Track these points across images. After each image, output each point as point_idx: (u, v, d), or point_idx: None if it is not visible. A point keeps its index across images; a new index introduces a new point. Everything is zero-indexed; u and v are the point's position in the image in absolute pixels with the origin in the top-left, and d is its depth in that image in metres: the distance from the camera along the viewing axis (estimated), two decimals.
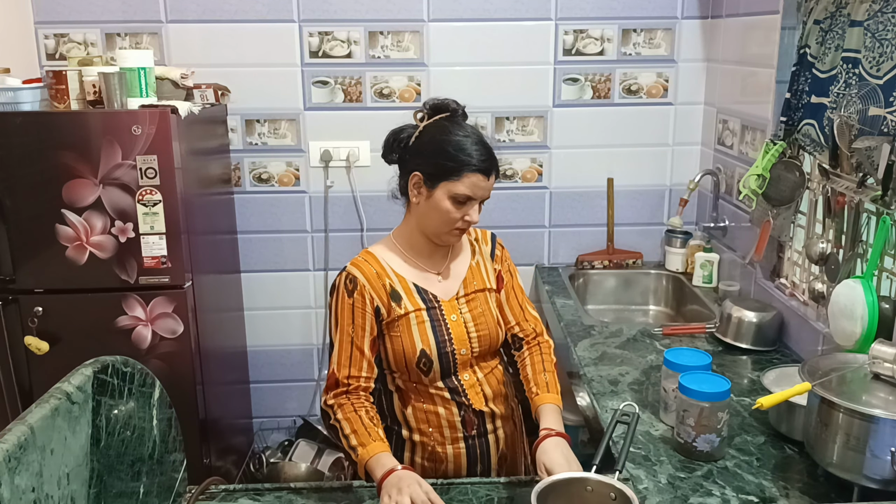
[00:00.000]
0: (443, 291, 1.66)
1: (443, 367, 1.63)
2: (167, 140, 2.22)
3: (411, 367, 1.61)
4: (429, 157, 1.57)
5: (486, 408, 1.69)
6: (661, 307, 2.99)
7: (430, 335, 1.61)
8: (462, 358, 1.64)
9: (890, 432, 1.36)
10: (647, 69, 2.92)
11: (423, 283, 1.65)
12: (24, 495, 1.03)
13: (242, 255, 2.99)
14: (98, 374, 1.25)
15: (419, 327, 1.61)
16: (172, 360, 2.38)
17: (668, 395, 1.80)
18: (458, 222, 1.57)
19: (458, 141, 1.56)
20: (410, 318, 1.61)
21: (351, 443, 1.51)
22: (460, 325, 1.64)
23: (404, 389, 1.67)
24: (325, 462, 2.93)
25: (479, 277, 1.71)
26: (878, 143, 1.76)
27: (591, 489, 1.36)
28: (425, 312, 1.62)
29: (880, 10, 1.82)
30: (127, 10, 2.75)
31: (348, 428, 1.53)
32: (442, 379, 1.64)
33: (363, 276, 1.60)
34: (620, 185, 3.02)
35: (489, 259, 1.76)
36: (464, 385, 1.66)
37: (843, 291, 1.78)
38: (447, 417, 1.65)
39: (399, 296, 1.61)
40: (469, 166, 1.54)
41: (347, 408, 1.55)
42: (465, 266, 1.71)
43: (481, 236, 1.78)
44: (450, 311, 1.64)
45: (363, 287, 1.59)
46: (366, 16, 2.80)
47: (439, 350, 1.61)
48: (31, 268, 2.29)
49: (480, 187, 1.56)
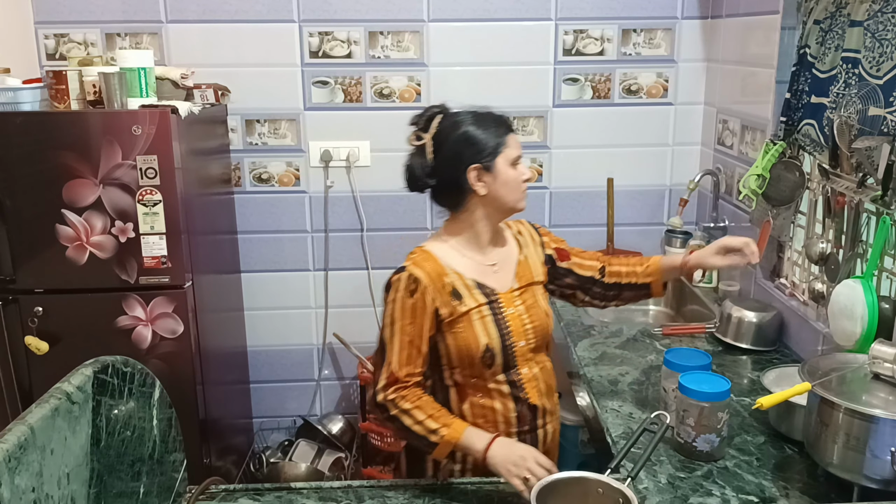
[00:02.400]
0: (499, 284, 1.68)
1: (505, 360, 1.64)
2: (167, 140, 2.22)
3: (475, 362, 1.62)
4: (469, 149, 1.61)
5: (540, 403, 1.71)
6: (661, 307, 2.99)
7: (493, 329, 1.63)
8: (521, 350, 1.66)
9: (890, 432, 1.36)
10: (647, 69, 2.92)
11: (481, 278, 1.66)
12: (24, 495, 1.03)
13: (242, 255, 2.99)
14: (98, 374, 1.25)
15: (482, 322, 1.62)
16: (172, 360, 2.38)
17: (668, 395, 1.80)
18: (523, 182, 1.64)
19: (475, 119, 1.63)
20: (472, 315, 1.62)
21: (430, 426, 1.53)
22: (517, 317, 1.66)
23: (462, 384, 1.66)
24: (325, 462, 2.93)
25: (527, 272, 1.73)
26: (878, 143, 1.76)
27: (602, 491, 1.36)
28: (486, 307, 1.63)
29: (880, 10, 1.82)
30: (127, 10, 2.75)
31: (422, 414, 1.55)
32: (504, 372, 1.66)
33: (426, 276, 1.60)
34: (620, 185, 3.02)
35: (538, 248, 1.78)
36: (522, 379, 1.67)
37: (843, 291, 1.78)
38: (503, 413, 1.66)
39: (460, 294, 1.62)
40: (505, 129, 1.63)
41: (412, 397, 1.57)
42: (515, 259, 1.74)
43: (523, 229, 1.81)
44: (507, 304, 1.66)
45: (425, 288, 1.59)
46: (366, 16, 2.80)
47: (502, 344, 1.63)
48: (31, 268, 2.29)
49: (517, 142, 1.65)
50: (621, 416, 1.85)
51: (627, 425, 1.81)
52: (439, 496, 1.53)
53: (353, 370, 3.13)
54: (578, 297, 1.85)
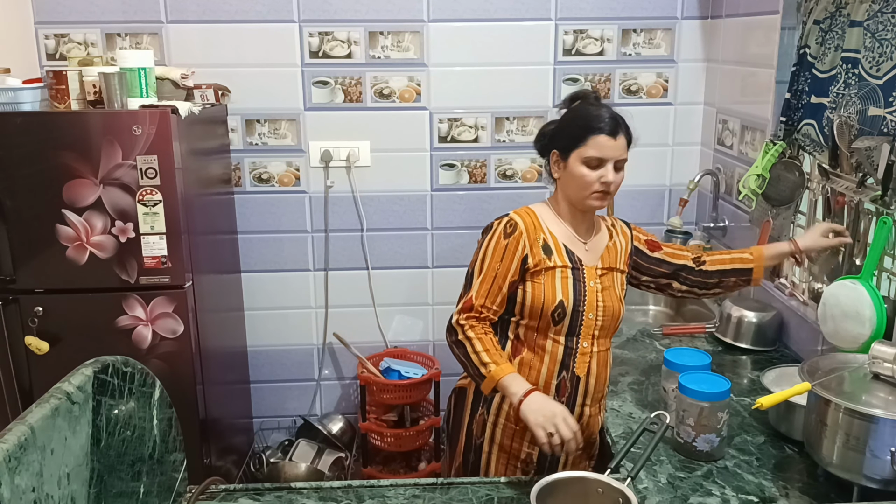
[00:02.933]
0: (587, 258, 1.77)
1: (571, 324, 1.73)
2: (167, 140, 2.22)
3: (546, 314, 1.71)
4: (560, 134, 1.76)
5: (584, 378, 1.76)
6: (661, 307, 2.99)
7: (571, 290, 1.72)
8: (588, 322, 1.74)
9: (890, 432, 1.36)
10: (646, 69, 2.92)
11: (572, 246, 1.77)
12: (25, 495, 1.03)
13: (242, 255, 2.99)
14: (98, 374, 1.25)
15: (563, 281, 1.72)
16: (172, 360, 2.38)
17: (668, 395, 1.81)
18: (595, 185, 1.69)
19: (581, 113, 1.73)
20: (556, 272, 1.72)
21: (483, 359, 1.65)
22: (595, 291, 1.75)
23: (522, 339, 1.76)
24: (325, 462, 2.93)
25: (613, 257, 1.82)
26: (877, 143, 1.76)
27: (602, 491, 1.36)
28: (570, 271, 1.73)
29: (880, 10, 1.82)
30: (127, 10, 2.76)
31: (480, 346, 1.67)
32: (566, 335, 1.74)
33: (524, 224, 1.73)
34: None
35: (627, 241, 1.87)
36: (578, 349, 1.75)
37: (843, 293, 1.78)
38: (546, 378, 1.75)
39: (551, 250, 1.73)
40: (592, 130, 1.68)
41: (479, 329, 1.69)
42: (604, 244, 1.83)
43: (618, 224, 1.90)
44: (590, 277, 1.75)
45: (521, 234, 1.72)
46: (366, 16, 2.80)
47: (575, 306, 1.72)
48: (31, 268, 2.29)
49: (607, 147, 1.68)
50: (621, 416, 1.85)
51: (627, 425, 1.81)
52: (439, 496, 1.54)
53: (353, 370, 3.13)
54: (674, 287, 1.92)
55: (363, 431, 2.92)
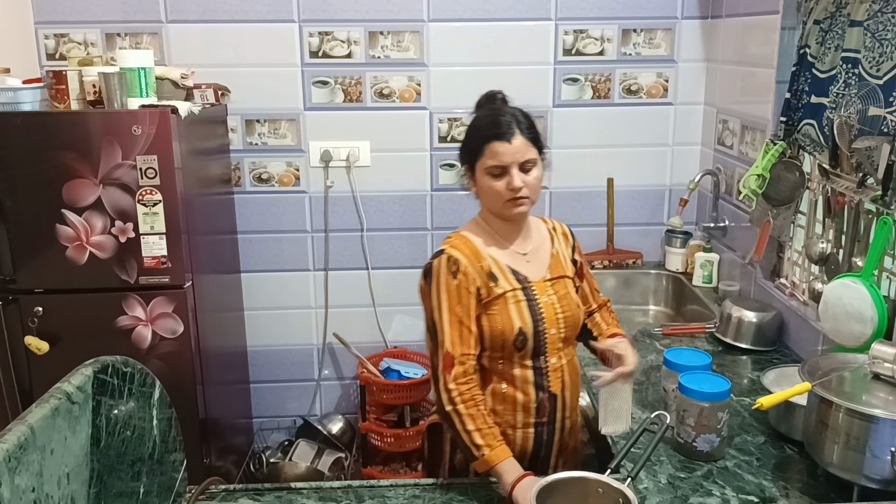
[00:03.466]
0: (532, 273, 1.70)
1: (536, 345, 1.66)
2: (167, 140, 2.22)
3: (507, 345, 1.64)
4: (461, 149, 1.69)
5: (561, 394, 1.71)
6: (661, 307, 2.99)
7: (527, 313, 1.64)
8: (552, 338, 1.68)
9: (890, 432, 1.36)
10: (647, 69, 2.92)
11: (515, 265, 1.68)
12: (24, 495, 1.03)
13: (242, 255, 2.99)
14: (98, 374, 1.25)
15: (517, 306, 1.64)
16: (172, 360, 2.38)
17: (668, 395, 1.80)
18: (504, 193, 1.61)
19: (478, 122, 1.65)
20: (508, 298, 1.64)
21: (476, 440, 1.54)
22: (551, 305, 1.68)
23: (488, 369, 1.68)
24: (325, 462, 2.93)
25: (559, 265, 1.76)
26: (878, 143, 1.76)
27: (602, 491, 1.36)
28: (521, 292, 1.65)
29: (880, 10, 1.82)
30: (127, 10, 2.75)
31: (473, 425, 1.55)
32: (532, 358, 1.67)
33: (464, 257, 1.63)
34: (620, 185, 3.02)
35: (567, 249, 1.80)
36: (549, 368, 1.69)
37: (844, 292, 1.78)
38: (523, 402, 1.67)
39: (496, 276, 1.65)
40: (485, 138, 1.60)
41: (469, 402, 1.57)
42: (548, 252, 1.76)
43: (558, 227, 1.83)
44: (541, 293, 1.68)
45: (466, 268, 1.62)
46: (366, 16, 2.80)
47: (535, 328, 1.64)
48: (31, 268, 2.29)
49: (503, 153, 1.58)
50: None
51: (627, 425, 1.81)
52: (439, 496, 1.53)
53: (353, 370, 3.13)
54: None
55: (363, 431, 2.92)
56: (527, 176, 1.61)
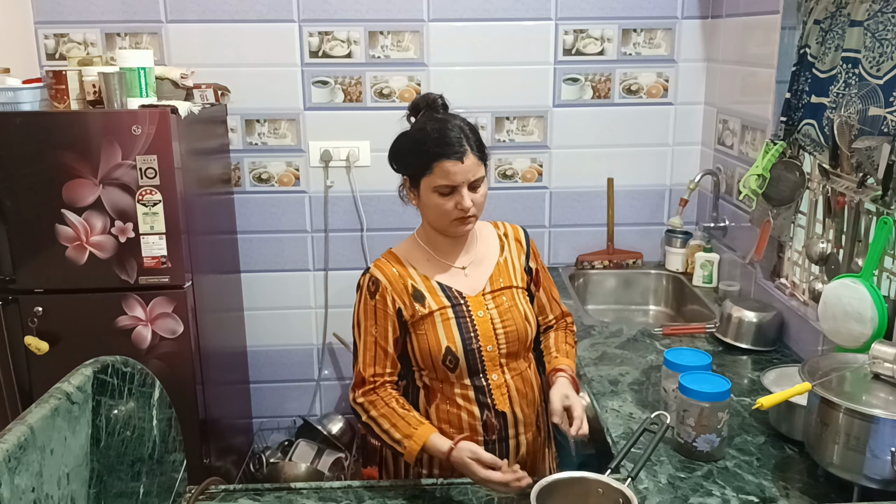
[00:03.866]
0: (468, 287, 1.64)
1: (469, 364, 1.61)
2: (167, 140, 2.22)
3: (437, 364, 1.60)
4: (402, 160, 1.61)
5: (510, 410, 1.65)
6: (661, 307, 2.99)
7: (456, 332, 1.60)
8: (489, 355, 1.62)
9: (890, 432, 1.36)
10: (647, 69, 2.92)
11: (448, 281, 1.64)
12: (24, 495, 1.03)
13: (242, 255, 2.99)
14: (98, 374, 1.25)
15: (444, 325, 1.60)
16: (172, 360, 2.38)
17: (668, 395, 1.80)
18: (452, 213, 1.55)
19: (423, 136, 1.56)
20: (435, 317, 1.60)
21: (394, 436, 1.53)
22: (487, 321, 1.62)
23: (430, 387, 1.65)
24: (325, 462, 2.93)
25: (505, 275, 1.68)
26: (878, 143, 1.76)
27: (602, 491, 1.35)
28: (450, 310, 1.61)
29: (880, 10, 1.82)
30: (127, 10, 2.75)
31: (387, 423, 1.55)
32: (469, 377, 1.62)
33: (385, 278, 1.61)
34: (620, 185, 3.02)
35: (520, 257, 1.73)
36: (490, 385, 1.63)
37: (844, 292, 1.77)
38: (468, 421, 1.63)
39: (422, 295, 1.61)
40: (435, 156, 1.52)
41: (379, 403, 1.57)
42: (493, 262, 1.69)
43: (511, 232, 1.75)
44: (476, 308, 1.62)
45: (385, 289, 1.59)
46: (366, 16, 2.80)
47: (465, 347, 1.60)
48: (31, 268, 2.29)
49: (455, 172, 1.51)
50: (621, 416, 1.85)
51: (627, 425, 1.81)
52: (439, 496, 1.53)
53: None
54: None
55: (363, 432, 2.91)
56: (475, 194, 1.55)
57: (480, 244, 1.70)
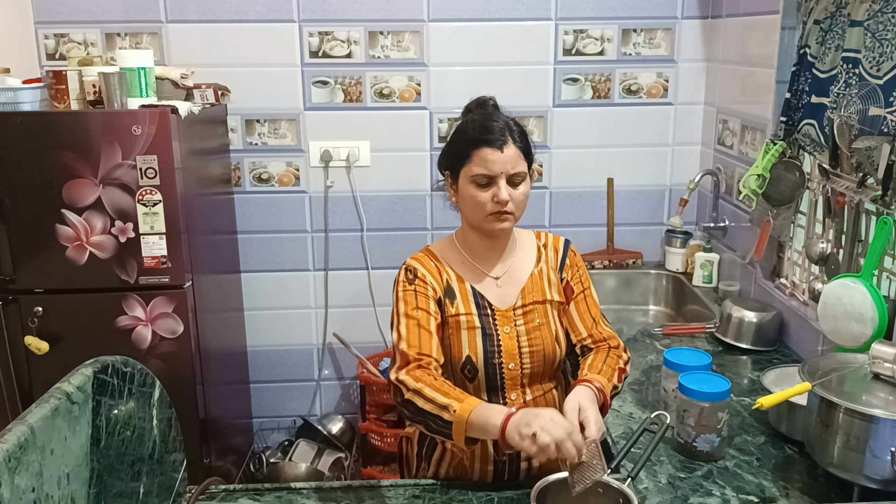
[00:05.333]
0: (499, 300, 1.58)
1: (489, 379, 1.54)
2: (167, 140, 2.22)
3: (455, 371, 1.55)
4: (445, 154, 1.59)
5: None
6: (661, 307, 2.99)
7: (479, 343, 1.54)
8: (510, 373, 1.55)
9: (890, 432, 1.36)
10: (647, 69, 2.92)
11: (481, 288, 1.58)
12: (24, 495, 1.03)
13: (242, 255, 2.99)
14: (98, 374, 1.25)
15: (469, 333, 1.54)
16: (172, 360, 2.38)
17: (668, 395, 1.80)
18: (488, 205, 1.49)
19: (467, 126, 1.54)
20: (461, 321, 1.54)
21: (441, 401, 1.36)
22: (513, 338, 1.55)
23: None
24: (325, 462, 2.93)
25: (539, 288, 1.60)
26: (878, 143, 1.76)
27: (602, 491, 1.35)
28: (477, 318, 1.55)
29: (880, 10, 1.82)
30: (127, 10, 2.75)
31: (432, 391, 1.39)
32: (487, 392, 1.55)
33: (423, 267, 1.57)
34: (620, 185, 3.02)
35: (556, 268, 1.64)
36: (508, 405, 1.55)
37: (844, 292, 1.78)
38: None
39: (454, 294, 1.56)
40: (475, 143, 1.49)
41: (426, 378, 1.42)
42: (527, 273, 1.61)
43: (551, 242, 1.67)
44: (503, 323, 1.56)
45: (424, 276, 1.55)
46: (366, 16, 2.80)
47: (486, 360, 1.53)
48: (31, 268, 2.29)
49: (493, 161, 1.47)
50: (621, 416, 1.85)
51: (627, 425, 1.81)
52: (439, 496, 1.53)
53: (353, 370, 3.13)
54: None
55: (363, 432, 2.91)
56: (514, 190, 1.51)
57: (518, 253, 1.63)
